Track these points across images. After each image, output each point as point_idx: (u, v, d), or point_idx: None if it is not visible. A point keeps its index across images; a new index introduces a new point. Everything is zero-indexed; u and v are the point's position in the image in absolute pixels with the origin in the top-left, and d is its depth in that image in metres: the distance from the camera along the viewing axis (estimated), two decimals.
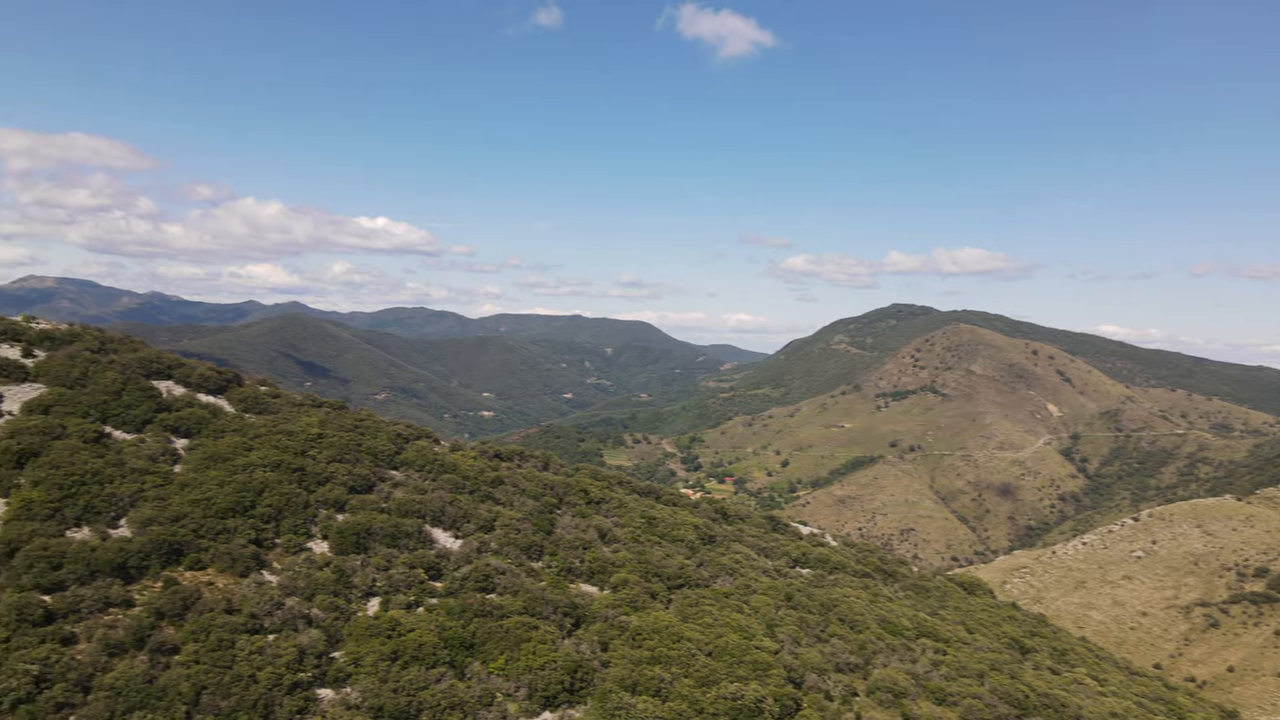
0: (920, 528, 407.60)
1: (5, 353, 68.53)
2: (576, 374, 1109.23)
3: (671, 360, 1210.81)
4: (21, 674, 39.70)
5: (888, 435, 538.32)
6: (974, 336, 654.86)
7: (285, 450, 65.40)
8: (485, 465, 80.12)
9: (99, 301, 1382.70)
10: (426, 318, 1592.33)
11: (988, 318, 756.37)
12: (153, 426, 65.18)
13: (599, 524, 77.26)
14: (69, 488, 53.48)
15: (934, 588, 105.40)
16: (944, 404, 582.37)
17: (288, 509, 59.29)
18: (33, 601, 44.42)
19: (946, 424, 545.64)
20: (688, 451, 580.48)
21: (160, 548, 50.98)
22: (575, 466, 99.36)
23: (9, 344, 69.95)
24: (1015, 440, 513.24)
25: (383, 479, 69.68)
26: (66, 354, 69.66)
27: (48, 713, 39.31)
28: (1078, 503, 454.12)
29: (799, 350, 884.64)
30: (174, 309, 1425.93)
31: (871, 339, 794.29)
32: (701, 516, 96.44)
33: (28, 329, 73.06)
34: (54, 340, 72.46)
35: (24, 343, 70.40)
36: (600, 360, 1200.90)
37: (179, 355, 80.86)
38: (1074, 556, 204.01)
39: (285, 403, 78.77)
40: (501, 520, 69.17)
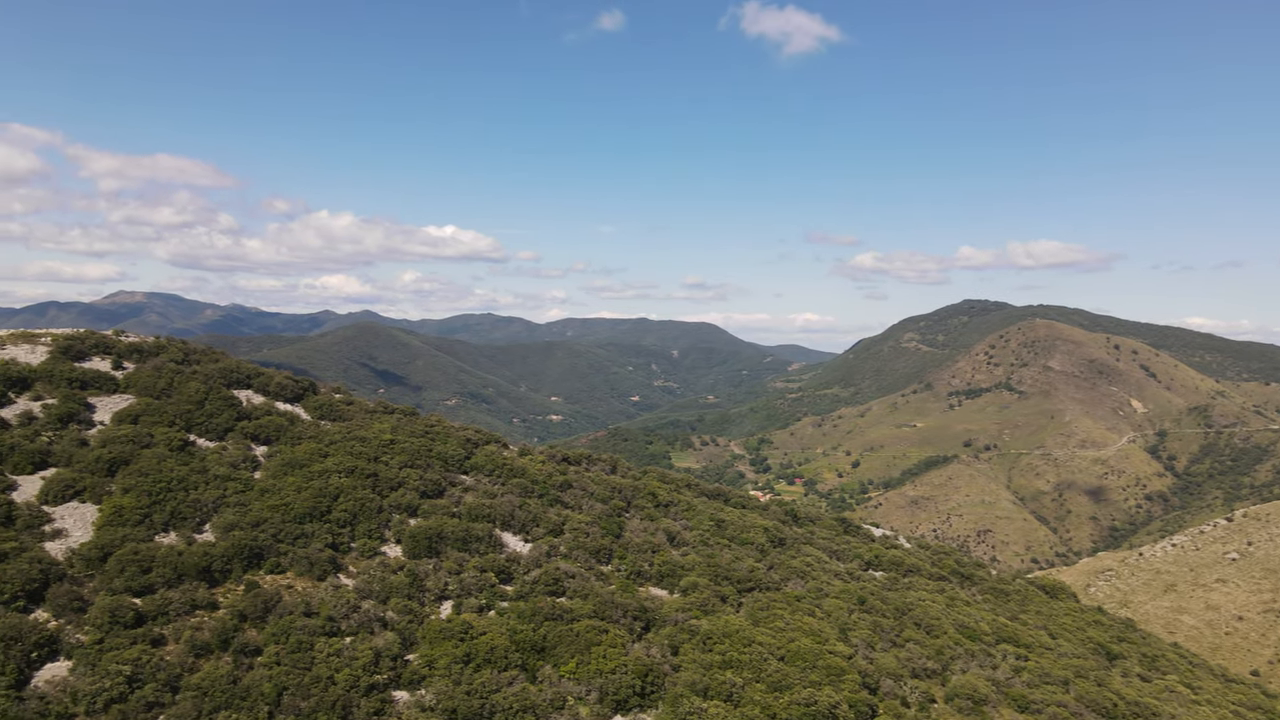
0: (998, 529, 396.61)
1: (97, 365, 71.68)
2: (643, 377, 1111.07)
3: (738, 361, 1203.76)
4: (115, 674, 41.27)
5: (961, 434, 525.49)
6: (1051, 332, 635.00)
7: (359, 456, 66.89)
8: (553, 469, 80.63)
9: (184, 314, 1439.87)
10: (494, 324, 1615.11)
11: (1065, 312, 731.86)
12: (234, 434, 67.38)
13: (668, 527, 77.02)
14: (157, 494, 55.57)
15: (1014, 591, 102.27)
16: (1020, 402, 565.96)
17: (362, 514, 60.58)
18: (124, 604, 46.22)
19: (1024, 422, 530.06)
20: (756, 453, 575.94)
21: (242, 552, 52.57)
22: (643, 470, 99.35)
23: (101, 357, 73.14)
24: (1097, 438, 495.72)
25: (453, 484, 70.69)
26: (153, 366, 72.51)
27: (139, 712, 40.76)
28: (1165, 502, 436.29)
29: (868, 349, 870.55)
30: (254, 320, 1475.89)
31: (943, 336, 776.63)
32: (771, 519, 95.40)
33: (118, 343, 76.28)
34: (142, 353, 75.49)
35: (114, 355, 73.52)
36: (666, 363, 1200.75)
37: (258, 365, 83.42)
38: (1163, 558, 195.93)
39: (358, 409, 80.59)
40: (570, 524, 69.50)
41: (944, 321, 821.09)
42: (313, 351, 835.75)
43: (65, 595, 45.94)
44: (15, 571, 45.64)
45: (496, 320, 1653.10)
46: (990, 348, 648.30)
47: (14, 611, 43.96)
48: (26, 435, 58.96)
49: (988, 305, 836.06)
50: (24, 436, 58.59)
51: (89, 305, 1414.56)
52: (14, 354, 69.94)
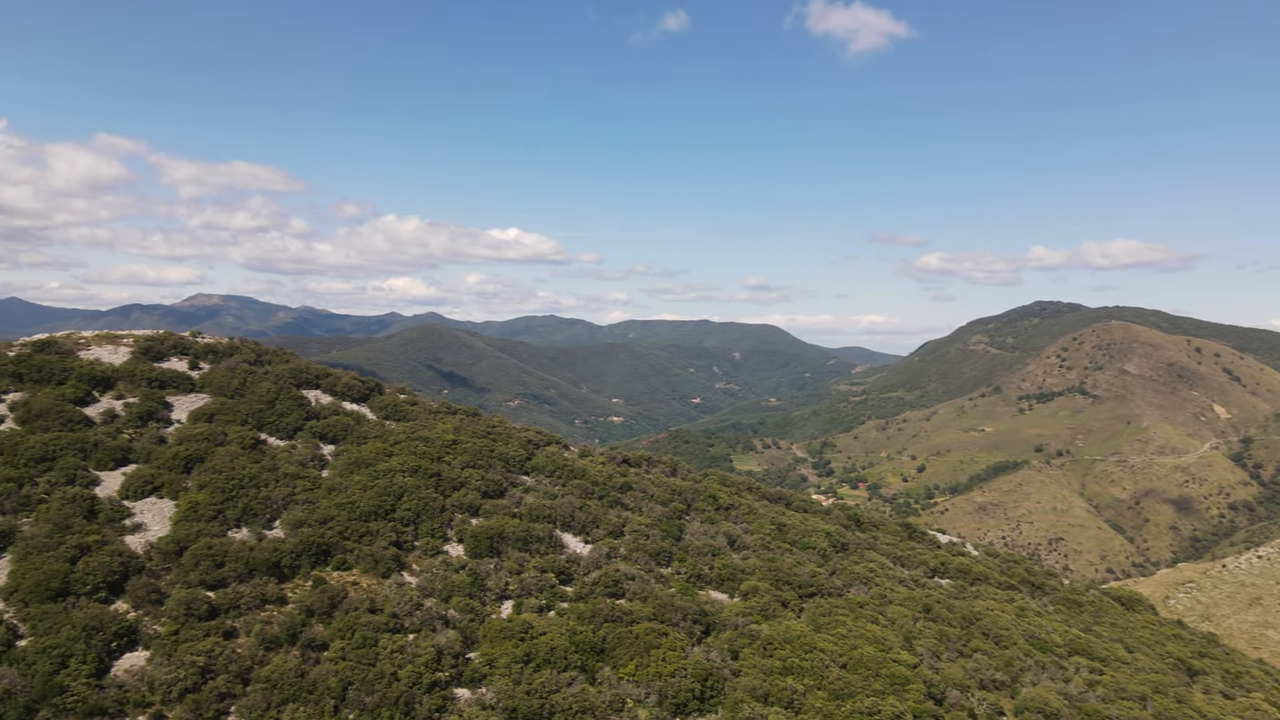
0: (1070, 537, 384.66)
1: (175, 365, 74.26)
2: (704, 379, 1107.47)
3: (801, 364, 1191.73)
4: (189, 665, 42.59)
5: (1032, 439, 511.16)
6: (1128, 334, 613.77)
7: (422, 456, 67.94)
8: (614, 471, 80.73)
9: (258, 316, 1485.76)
10: (556, 325, 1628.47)
11: (1143, 314, 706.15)
12: (303, 433, 69.10)
13: (728, 530, 76.46)
14: (230, 491, 57.26)
15: (1087, 602, 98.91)
16: (1095, 406, 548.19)
17: (425, 513, 61.49)
18: (199, 597, 47.70)
19: (1098, 427, 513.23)
20: (819, 456, 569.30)
21: (310, 549, 53.80)
22: (704, 472, 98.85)
23: (178, 357, 75.76)
24: (1177, 445, 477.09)
25: (514, 484, 71.29)
26: (227, 366, 74.81)
27: (211, 702, 41.98)
28: (1250, 512, 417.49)
29: (934, 351, 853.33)
30: (324, 322, 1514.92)
31: (1012, 338, 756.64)
32: (834, 523, 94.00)
33: (194, 344, 78.92)
34: (216, 353, 77.97)
35: (191, 356, 76.09)
36: (728, 365, 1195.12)
37: (326, 366, 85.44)
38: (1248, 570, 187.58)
39: (422, 410, 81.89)
40: (630, 526, 69.47)
41: (1014, 323, 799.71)
42: (379, 353, 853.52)
43: (144, 587, 47.59)
44: (98, 564, 47.46)
45: (559, 322, 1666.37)
46: (1063, 350, 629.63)
47: (96, 602, 45.70)
48: (109, 433, 61.35)
49: (1060, 307, 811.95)
50: (106, 434, 60.99)
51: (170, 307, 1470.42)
52: (98, 354, 72.88)
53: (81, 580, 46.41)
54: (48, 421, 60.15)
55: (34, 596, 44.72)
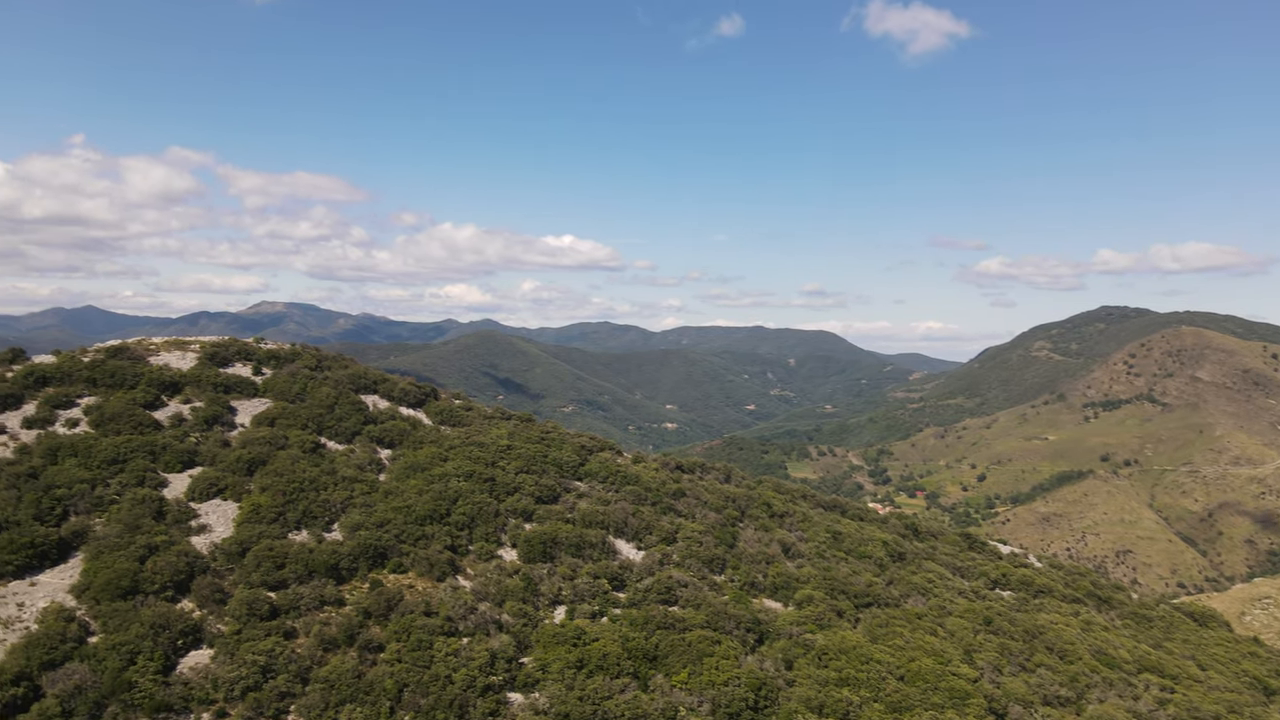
0: (1139, 550, 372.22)
1: (239, 371, 76.25)
2: (759, 385, 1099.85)
3: (857, 370, 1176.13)
4: (251, 664, 43.48)
5: (1098, 448, 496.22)
6: (1199, 340, 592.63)
7: (477, 461, 68.60)
8: (667, 477, 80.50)
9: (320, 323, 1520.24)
10: (610, 332, 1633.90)
11: (1215, 319, 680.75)
12: (361, 438, 70.33)
13: (782, 538, 75.64)
14: (291, 494, 58.48)
15: (1158, 617, 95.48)
16: (1164, 414, 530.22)
17: (479, 517, 62.02)
18: (260, 597, 48.73)
19: (1168, 436, 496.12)
20: (875, 464, 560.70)
21: (367, 551, 54.63)
22: (758, 479, 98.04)
23: (242, 363, 77.79)
24: (1253, 455, 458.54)
25: (568, 490, 71.53)
26: (289, 371, 76.57)
27: (272, 701, 42.78)
28: None
29: (995, 358, 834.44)
30: (383, 329, 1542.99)
31: (1077, 345, 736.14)
32: (890, 532, 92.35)
33: (257, 349, 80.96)
34: (278, 359, 79.86)
35: (254, 362, 78.06)
36: (783, 371, 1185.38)
37: (384, 371, 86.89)
38: None
39: (477, 415, 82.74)
40: (684, 532, 69.16)
41: (1078, 329, 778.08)
42: (436, 359, 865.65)
43: (208, 587, 48.80)
44: (165, 563, 48.81)
45: (613, 329, 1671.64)
46: (1130, 357, 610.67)
47: (163, 601, 46.99)
48: (176, 436, 63.21)
49: (1127, 312, 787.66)
50: (174, 437, 62.84)
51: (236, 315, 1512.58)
52: (167, 360, 75.19)
53: (150, 579, 47.76)
54: (119, 425, 62.21)
55: (105, 595, 46.16)
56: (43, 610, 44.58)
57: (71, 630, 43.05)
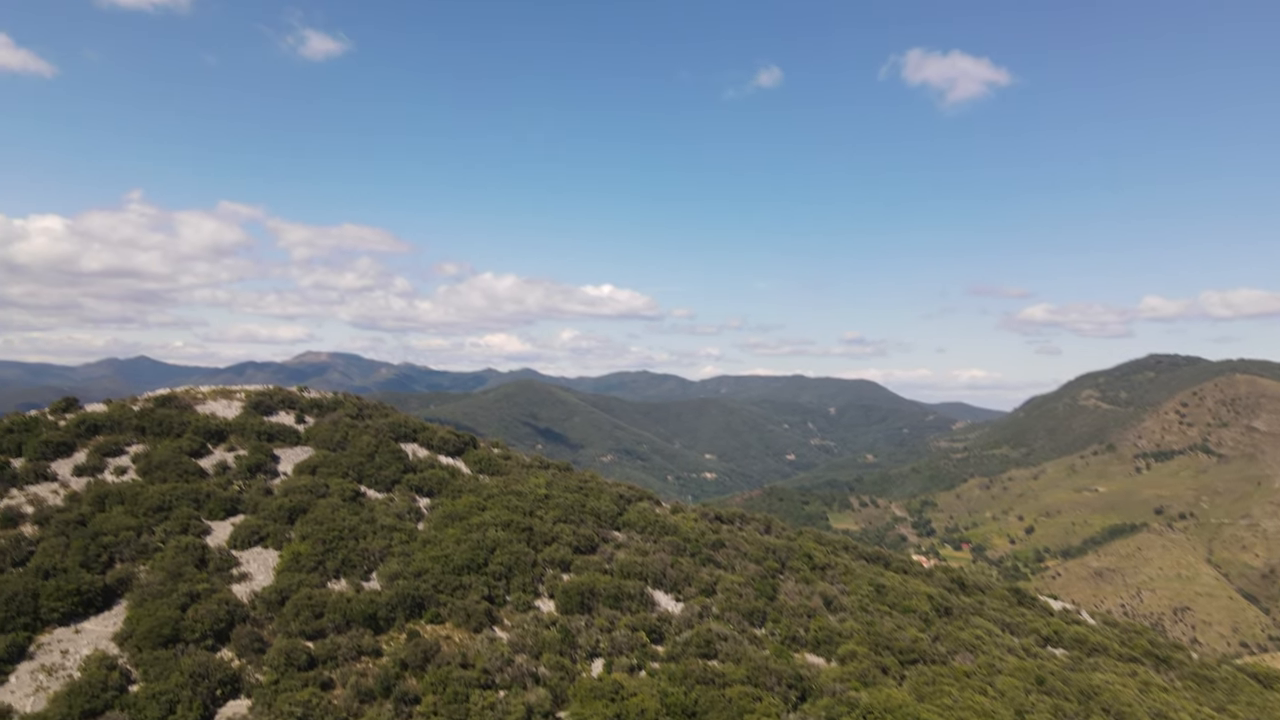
0: (1198, 607, 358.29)
1: (282, 419, 77.35)
2: (799, 435, 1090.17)
3: (898, 419, 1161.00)
4: (288, 714, 43.27)
5: (1151, 500, 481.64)
6: (1254, 388, 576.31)
7: (515, 510, 68.44)
8: (706, 528, 79.57)
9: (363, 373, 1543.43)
10: (649, 381, 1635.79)
11: (1270, 366, 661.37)
12: (400, 486, 70.67)
13: (824, 591, 74.07)
14: (331, 542, 58.73)
15: (1220, 678, 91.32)
16: (1220, 465, 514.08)
17: (517, 567, 61.65)
18: (298, 647, 48.69)
19: (1225, 488, 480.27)
20: (919, 515, 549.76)
21: (405, 601, 54.47)
22: (798, 530, 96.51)
23: (286, 411, 78.94)
24: None
25: (606, 540, 70.96)
26: (331, 420, 77.50)
27: None
28: None
29: (1040, 407, 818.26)
30: (424, 378, 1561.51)
31: (1126, 393, 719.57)
32: (936, 586, 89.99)
33: (300, 398, 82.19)
34: (321, 408, 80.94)
35: (297, 410, 79.18)
36: (823, 420, 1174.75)
37: (424, 420, 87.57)
38: None
39: (515, 464, 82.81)
40: (723, 584, 68.06)
41: (1127, 377, 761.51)
42: (476, 408, 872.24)
43: (247, 636, 48.90)
44: (206, 612, 49.08)
45: (652, 377, 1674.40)
46: (1182, 405, 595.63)
47: (203, 649, 47.14)
48: (220, 484, 64.04)
49: (1177, 360, 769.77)
50: (218, 485, 63.67)
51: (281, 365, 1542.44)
52: (213, 409, 76.58)
53: (191, 627, 48.02)
54: (165, 473, 63.23)
55: (147, 643, 46.47)
56: (86, 658, 44.97)
57: (113, 679, 43.31)
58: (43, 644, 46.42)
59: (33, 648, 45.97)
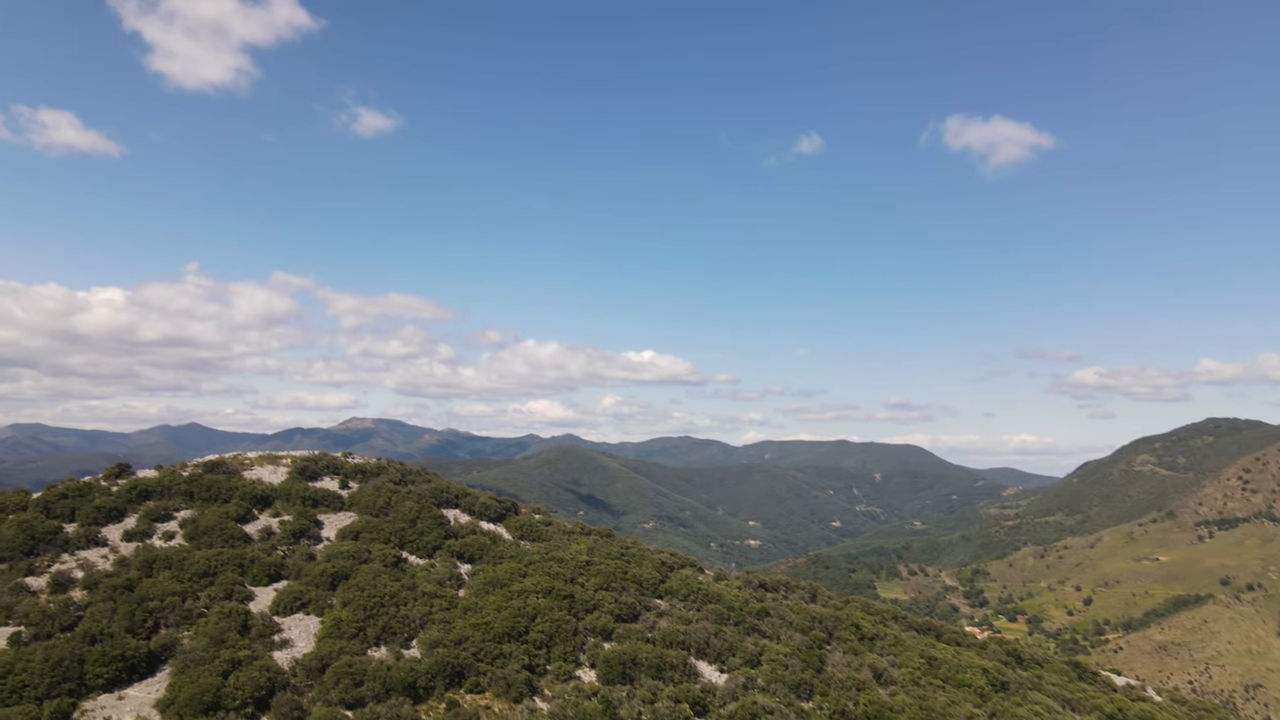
0: (1271, 684, 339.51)
1: (327, 485, 78.02)
2: (844, 501, 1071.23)
3: (946, 485, 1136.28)
4: None
5: (1216, 570, 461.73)
6: None
7: (556, 577, 67.73)
8: (750, 596, 77.92)
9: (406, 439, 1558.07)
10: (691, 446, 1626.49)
11: None
12: (441, 552, 70.48)
13: (873, 663, 71.69)
14: (372, 609, 58.50)
15: None
16: None
17: (558, 635, 60.71)
18: (338, 716, 48.13)
19: None
20: (970, 585, 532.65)
21: (445, 670, 53.77)
22: (845, 599, 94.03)
23: (330, 477, 79.68)
24: None
25: (648, 608, 69.75)
26: (374, 485, 77.99)
27: None
28: None
29: (1094, 472, 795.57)
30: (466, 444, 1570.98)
31: (1184, 459, 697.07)
32: (991, 659, 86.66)
33: (344, 464, 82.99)
34: (364, 473, 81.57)
35: (341, 476, 79.90)
36: (869, 486, 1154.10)
37: (466, 486, 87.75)
38: None
39: (556, 530, 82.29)
40: (768, 655, 66.28)
41: (1184, 442, 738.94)
42: (518, 474, 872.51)
43: (287, 704, 48.51)
44: (247, 679, 48.90)
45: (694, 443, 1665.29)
46: (1244, 471, 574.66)
47: (242, 718, 46.84)
48: (264, 549, 64.46)
49: (1237, 424, 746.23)
50: (262, 550, 64.08)
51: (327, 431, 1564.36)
52: (260, 474, 77.61)
53: (232, 695, 47.81)
54: (212, 538, 63.86)
55: (188, 710, 46.31)
56: None
57: None
58: (86, 710, 46.52)
59: (77, 714, 46.07)
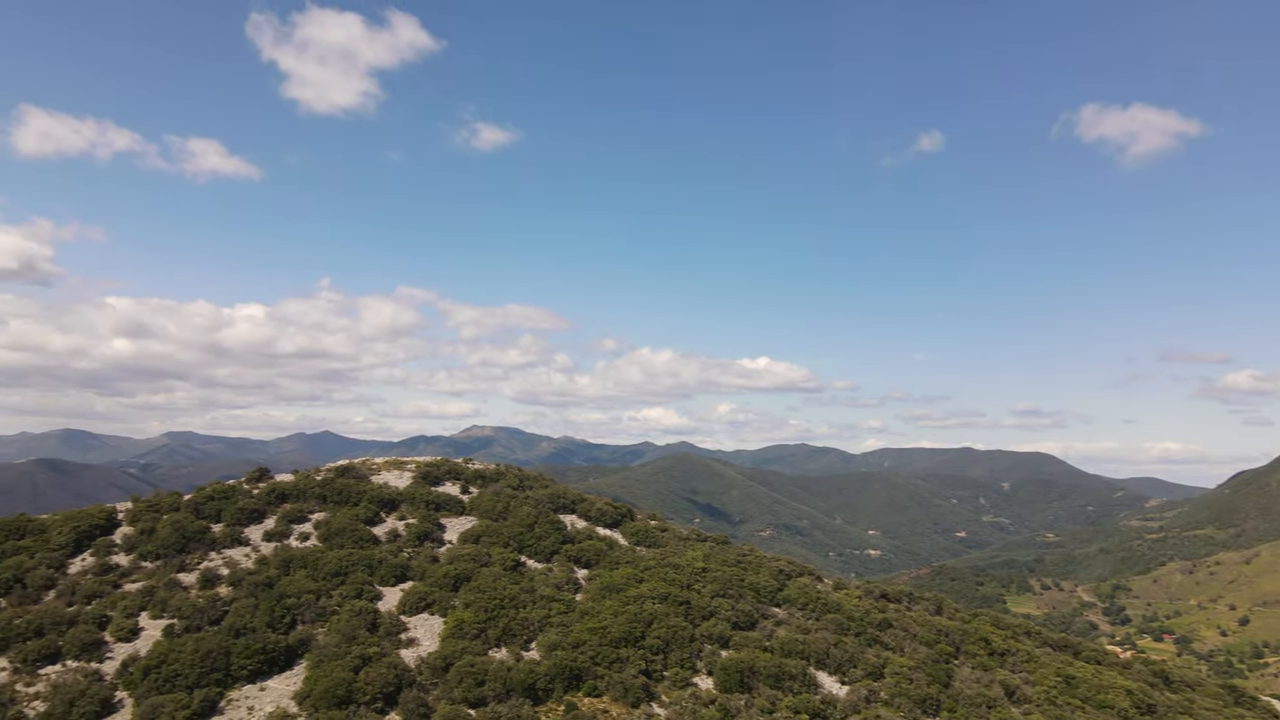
0: None
1: (448, 489, 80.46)
2: (969, 511, 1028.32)
3: (1081, 496, 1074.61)
4: None
5: None
6: None
7: (672, 583, 67.54)
8: (871, 606, 75.66)
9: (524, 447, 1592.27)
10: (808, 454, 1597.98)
11: None
12: (559, 557, 71.47)
13: (1005, 679, 68.29)
14: (492, 611, 59.82)
15: None
16: None
17: (674, 642, 60.45)
18: (461, 714, 49.35)
19: None
20: (1110, 601, 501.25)
21: (563, 672, 54.38)
22: (973, 612, 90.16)
23: (451, 482, 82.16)
24: None
25: (765, 616, 68.68)
26: (493, 491, 79.90)
27: None
28: None
29: (1250, 483, 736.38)
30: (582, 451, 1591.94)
31: None
32: (1135, 679, 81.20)
33: (465, 469, 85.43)
34: (484, 479, 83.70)
35: (462, 481, 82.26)
36: (996, 496, 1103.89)
37: (581, 492, 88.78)
38: None
39: (672, 536, 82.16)
40: (891, 667, 64.09)
41: None
42: (633, 481, 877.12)
43: (414, 701, 50.10)
44: (376, 675, 50.80)
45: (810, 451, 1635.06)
46: None
47: (373, 712, 48.63)
48: (391, 550, 66.96)
49: None
50: (389, 552, 66.58)
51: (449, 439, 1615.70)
52: (386, 478, 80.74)
53: (362, 690, 49.75)
54: (343, 539, 66.81)
55: (323, 703, 48.43)
56: (268, 715, 47.33)
57: None
58: (232, 699, 49.35)
59: (223, 703, 48.94)
